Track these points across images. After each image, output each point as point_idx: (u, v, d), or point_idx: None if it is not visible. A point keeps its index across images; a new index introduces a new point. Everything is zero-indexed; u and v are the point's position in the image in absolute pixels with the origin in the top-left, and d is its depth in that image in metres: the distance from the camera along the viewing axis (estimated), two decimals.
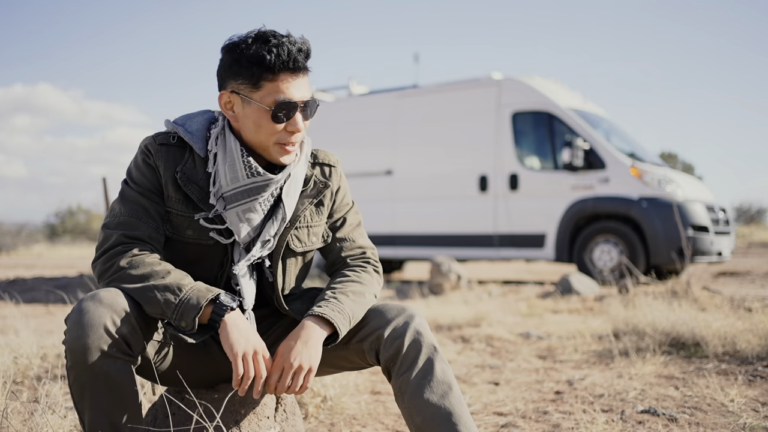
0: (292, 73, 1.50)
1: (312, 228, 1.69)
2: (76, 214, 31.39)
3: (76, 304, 1.40)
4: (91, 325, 1.34)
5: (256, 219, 1.58)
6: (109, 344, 1.35)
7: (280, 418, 1.76)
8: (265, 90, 1.49)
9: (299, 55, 1.49)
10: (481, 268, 11.60)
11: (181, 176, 1.55)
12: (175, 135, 1.59)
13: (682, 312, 3.95)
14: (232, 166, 1.54)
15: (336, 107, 9.99)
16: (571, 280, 6.50)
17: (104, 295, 1.39)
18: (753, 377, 2.86)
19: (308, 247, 1.69)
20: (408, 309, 1.58)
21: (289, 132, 1.52)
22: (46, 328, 4.56)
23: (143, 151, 1.57)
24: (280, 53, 1.47)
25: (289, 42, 1.49)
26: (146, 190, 1.55)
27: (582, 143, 7.85)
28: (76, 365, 1.35)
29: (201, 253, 1.59)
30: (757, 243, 19.34)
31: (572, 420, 2.33)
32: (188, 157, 1.57)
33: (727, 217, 8.26)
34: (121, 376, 1.38)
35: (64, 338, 1.37)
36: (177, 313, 1.40)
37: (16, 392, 2.57)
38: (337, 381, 2.49)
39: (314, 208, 1.70)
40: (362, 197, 8.98)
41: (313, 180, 1.68)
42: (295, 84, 1.50)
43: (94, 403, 1.37)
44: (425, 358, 1.51)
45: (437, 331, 4.49)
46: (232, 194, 1.55)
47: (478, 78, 8.93)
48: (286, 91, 1.49)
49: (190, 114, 1.63)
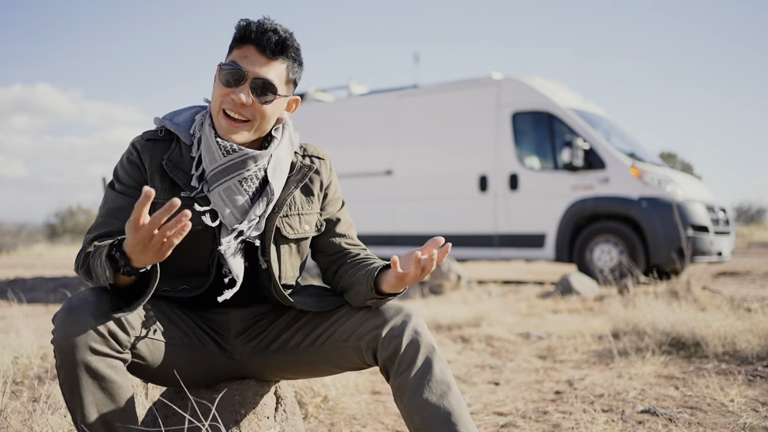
0: (257, 48, 1.54)
1: (303, 216, 1.71)
2: (76, 214, 31.38)
3: (63, 303, 1.41)
4: (77, 322, 1.35)
5: (240, 200, 1.59)
6: (96, 341, 1.36)
7: (280, 418, 1.76)
8: (230, 56, 1.56)
9: (272, 35, 1.53)
10: (481, 268, 11.59)
11: (167, 163, 1.58)
12: (162, 129, 1.64)
13: (682, 312, 3.95)
14: (209, 148, 1.57)
15: (336, 107, 9.99)
16: (571, 280, 6.51)
17: (88, 293, 1.41)
18: (753, 377, 2.86)
19: (301, 234, 1.70)
20: (405, 308, 1.58)
21: (232, 100, 1.54)
22: (46, 328, 4.56)
23: (129, 149, 1.62)
24: (252, 27, 1.53)
25: (270, 24, 1.54)
26: (128, 187, 1.59)
27: (582, 143, 7.86)
28: (65, 363, 1.36)
29: (191, 240, 1.58)
30: (757, 243, 19.34)
31: (572, 420, 2.33)
32: (175, 147, 1.62)
33: (727, 217, 8.26)
34: (111, 372, 1.38)
35: (52, 338, 1.38)
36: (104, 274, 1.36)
37: (16, 392, 2.57)
38: (337, 381, 2.49)
39: (303, 196, 1.71)
40: (362, 197, 8.98)
41: (298, 165, 1.70)
42: (256, 59, 1.54)
43: (85, 400, 1.37)
44: (423, 358, 1.50)
45: (437, 331, 4.49)
46: (212, 175, 1.57)
47: (478, 78, 8.93)
48: (243, 59, 1.54)
49: (178, 110, 1.68)
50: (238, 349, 1.69)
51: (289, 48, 1.56)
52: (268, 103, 1.56)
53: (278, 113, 1.62)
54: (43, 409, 1.94)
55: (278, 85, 1.56)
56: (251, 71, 1.53)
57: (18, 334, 3.27)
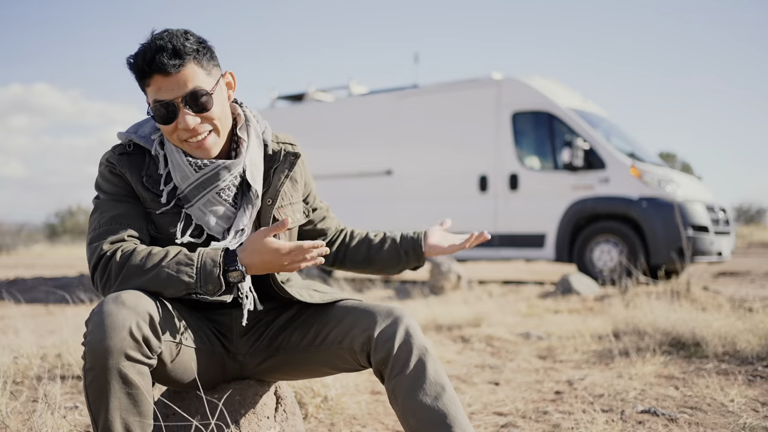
0: (161, 74, 1.47)
1: (294, 204, 1.74)
2: (76, 214, 31.38)
3: (97, 305, 1.38)
4: (114, 327, 1.33)
5: (221, 210, 1.59)
6: (132, 347, 1.35)
7: (280, 418, 1.76)
8: (147, 96, 1.53)
9: (162, 55, 1.45)
10: (481, 268, 11.59)
11: (146, 179, 1.57)
12: (130, 143, 1.60)
13: (682, 312, 3.95)
14: (179, 167, 1.55)
15: (336, 107, 9.99)
16: (571, 280, 6.50)
17: (126, 297, 1.38)
18: (753, 377, 2.86)
19: (295, 224, 1.75)
20: (396, 310, 1.58)
21: (184, 130, 1.51)
22: (46, 328, 4.56)
23: (106, 164, 1.58)
24: (139, 59, 1.47)
25: (153, 45, 1.46)
26: (120, 195, 1.57)
27: (582, 143, 7.85)
28: (96, 367, 1.34)
29: (191, 249, 1.59)
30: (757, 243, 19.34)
31: (572, 420, 2.33)
32: (149, 161, 1.59)
33: (727, 217, 8.25)
34: (139, 378, 1.37)
35: (85, 340, 1.36)
36: (200, 280, 1.43)
37: (16, 392, 2.57)
38: (337, 381, 2.49)
39: (290, 184, 1.72)
40: (362, 197, 8.97)
41: (282, 153, 1.68)
42: (168, 84, 1.47)
43: (110, 405, 1.36)
44: (416, 360, 1.50)
45: (437, 332, 4.49)
46: (188, 192, 1.56)
47: (478, 78, 8.93)
48: (159, 92, 1.49)
49: (139, 122, 1.64)
50: (241, 349, 1.69)
51: (186, 48, 1.48)
52: (210, 105, 1.52)
53: (226, 103, 1.59)
54: (43, 409, 1.94)
55: (203, 85, 1.51)
56: (175, 97, 1.49)
57: (17, 335, 3.27)
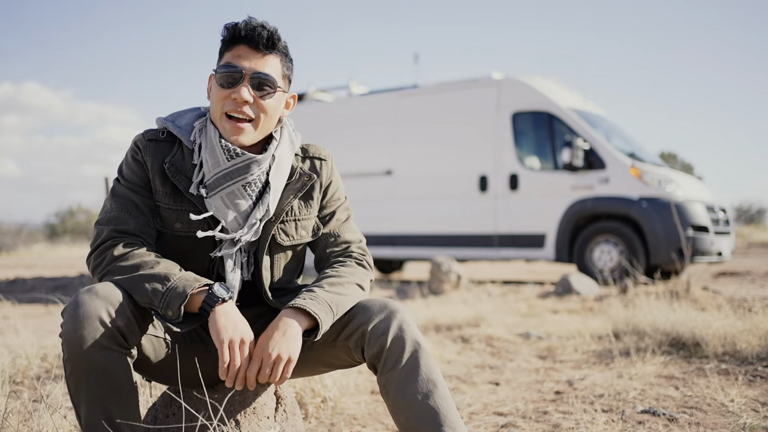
0: (250, 45, 1.54)
1: (300, 221, 1.70)
2: (76, 214, 31.38)
3: (73, 296, 1.41)
4: (87, 317, 1.35)
5: (244, 205, 1.59)
6: (104, 336, 1.36)
7: (280, 418, 1.76)
8: (223, 59, 1.57)
9: (262, 30, 1.53)
10: (481, 268, 11.59)
11: (169, 167, 1.58)
12: (164, 131, 1.63)
13: (682, 312, 3.95)
14: (212, 152, 1.56)
15: (336, 107, 9.99)
16: (571, 280, 6.50)
17: (100, 288, 1.41)
18: (753, 377, 2.86)
19: (296, 241, 1.70)
20: (390, 305, 1.57)
21: (234, 100, 1.54)
22: (46, 328, 4.56)
23: (132, 147, 1.62)
24: (240, 26, 1.54)
25: (257, 21, 1.55)
26: (135, 185, 1.58)
27: (582, 143, 7.86)
28: (72, 357, 1.36)
29: (191, 246, 1.60)
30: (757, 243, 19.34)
31: (572, 420, 2.33)
32: (177, 150, 1.61)
33: (727, 217, 8.25)
34: (117, 368, 1.38)
35: (61, 331, 1.38)
36: (163, 301, 1.42)
37: (16, 392, 2.57)
38: (337, 381, 2.49)
39: (301, 202, 1.70)
40: (362, 197, 8.98)
41: (298, 172, 1.69)
42: (250, 56, 1.54)
43: (90, 395, 1.37)
44: (409, 355, 1.49)
45: (437, 332, 4.49)
46: (214, 179, 1.57)
47: (478, 78, 8.93)
48: (237, 59, 1.54)
49: (180, 111, 1.67)
50: None
51: (279, 42, 1.57)
52: (270, 97, 1.56)
53: (280, 110, 1.62)
54: (43, 409, 1.94)
55: (276, 78, 1.57)
56: (248, 68, 1.53)
57: (17, 335, 3.27)
